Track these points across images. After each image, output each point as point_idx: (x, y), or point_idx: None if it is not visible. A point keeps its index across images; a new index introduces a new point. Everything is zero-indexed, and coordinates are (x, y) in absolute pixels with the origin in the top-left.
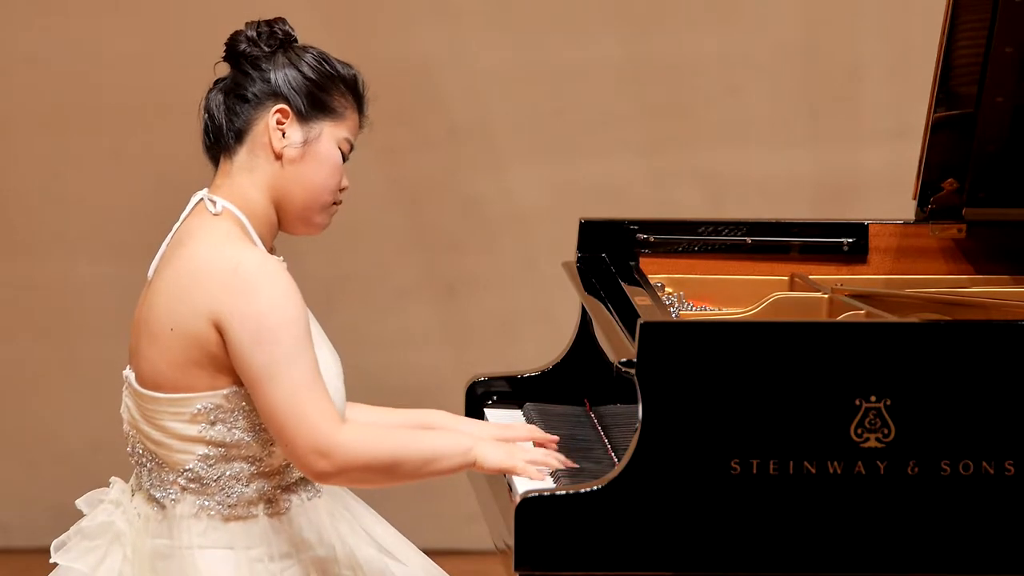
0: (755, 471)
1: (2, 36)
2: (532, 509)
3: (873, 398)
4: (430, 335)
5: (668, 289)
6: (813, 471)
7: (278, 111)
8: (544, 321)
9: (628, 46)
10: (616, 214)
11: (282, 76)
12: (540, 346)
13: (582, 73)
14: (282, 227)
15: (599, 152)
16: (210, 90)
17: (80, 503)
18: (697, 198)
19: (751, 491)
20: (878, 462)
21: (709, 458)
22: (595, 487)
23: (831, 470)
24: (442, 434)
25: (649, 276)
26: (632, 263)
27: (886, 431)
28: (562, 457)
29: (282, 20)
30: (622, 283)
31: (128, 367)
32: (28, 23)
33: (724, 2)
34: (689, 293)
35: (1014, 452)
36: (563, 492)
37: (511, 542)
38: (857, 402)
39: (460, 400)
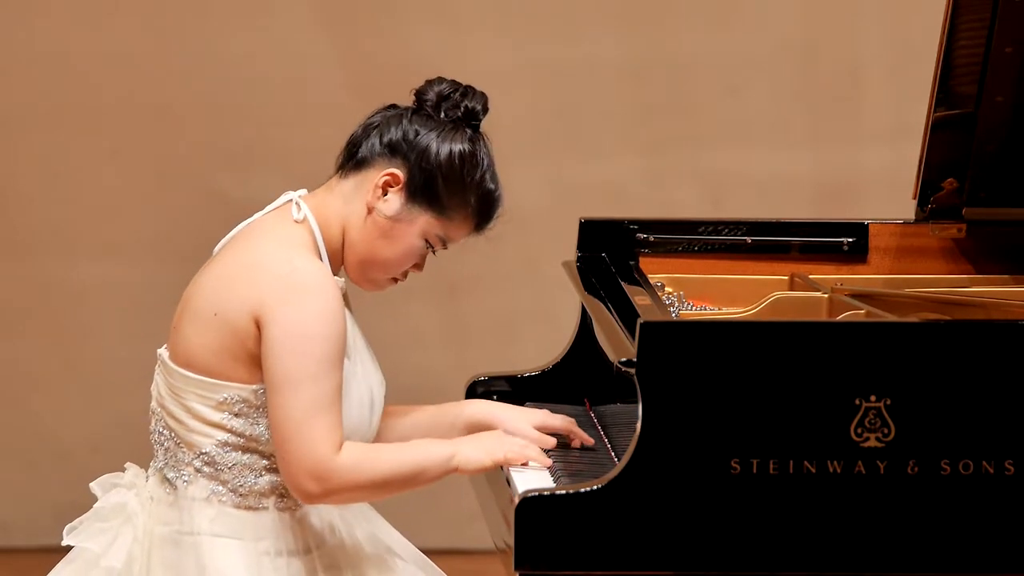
0: (755, 471)
1: (2, 36)
2: (532, 509)
3: (873, 398)
4: (430, 335)
5: (668, 289)
6: (813, 471)
7: (390, 173)
8: (544, 321)
9: (628, 46)
10: (616, 214)
11: (423, 146)
12: (540, 346)
13: (582, 73)
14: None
15: (599, 152)
16: (381, 108)
17: (94, 486)
18: (697, 198)
19: (751, 491)
20: (878, 462)
21: (709, 458)
22: (595, 487)
23: (831, 470)
24: (426, 445)
25: (649, 276)
26: (632, 263)
27: (886, 431)
28: (541, 453)
29: (481, 97)
30: (622, 283)
31: (164, 346)
32: (28, 23)
33: (724, 2)
34: (689, 293)
35: (1014, 452)
36: (563, 492)
37: (511, 541)
38: (857, 402)
39: (460, 400)
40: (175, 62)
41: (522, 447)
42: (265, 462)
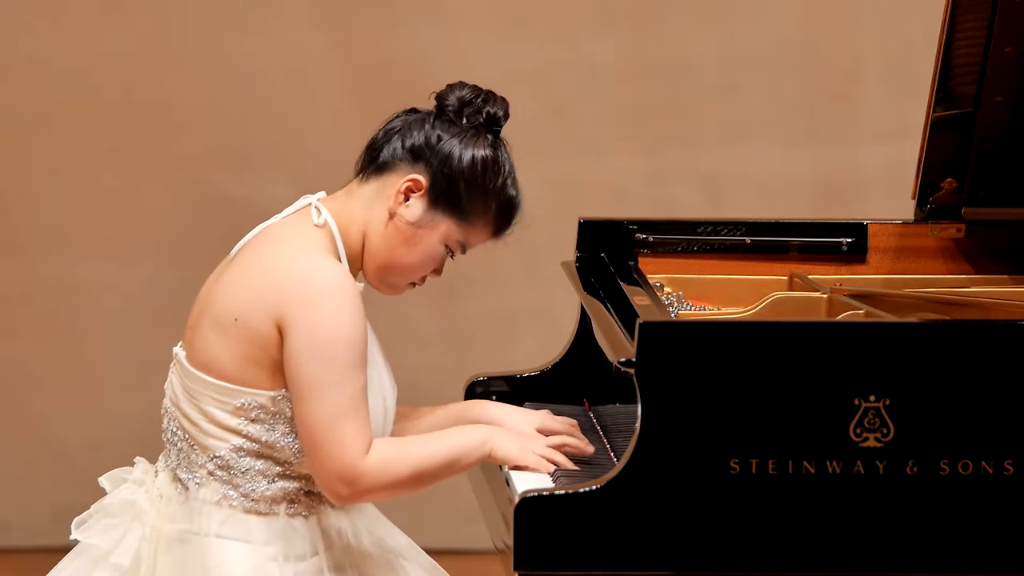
0: (754, 471)
1: (2, 36)
2: (531, 509)
3: (872, 398)
4: (430, 335)
5: (667, 289)
6: (812, 471)
7: (413, 179)
8: (543, 321)
9: (628, 46)
10: (616, 214)
11: (446, 151)
12: (539, 346)
13: (582, 73)
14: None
15: (599, 152)
16: (402, 112)
17: (103, 480)
18: (697, 198)
19: (750, 491)
20: (877, 462)
21: (708, 458)
22: (594, 487)
23: (830, 470)
24: (456, 433)
25: (648, 276)
26: (631, 263)
27: (885, 431)
28: (565, 459)
29: (502, 103)
30: (621, 283)
31: (179, 344)
32: (28, 23)
33: (724, 2)
34: (688, 293)
35: (1013, 452)
36: (562, 492)
37: (510, 542)
38: (856, 402)
39: (459, 400)
40: (175, 62)
41: (552, 451)
42: (279, 468)
